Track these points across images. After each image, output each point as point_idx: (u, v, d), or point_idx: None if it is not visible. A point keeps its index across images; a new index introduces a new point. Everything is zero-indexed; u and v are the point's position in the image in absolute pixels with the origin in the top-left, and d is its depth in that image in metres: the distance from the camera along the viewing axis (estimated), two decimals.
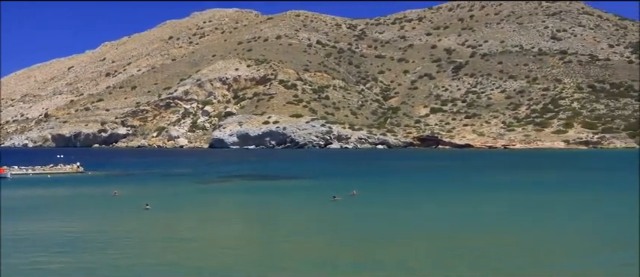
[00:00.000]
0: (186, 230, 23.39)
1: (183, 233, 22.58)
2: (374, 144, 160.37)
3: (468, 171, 63.40)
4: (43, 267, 16.91)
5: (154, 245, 20.50)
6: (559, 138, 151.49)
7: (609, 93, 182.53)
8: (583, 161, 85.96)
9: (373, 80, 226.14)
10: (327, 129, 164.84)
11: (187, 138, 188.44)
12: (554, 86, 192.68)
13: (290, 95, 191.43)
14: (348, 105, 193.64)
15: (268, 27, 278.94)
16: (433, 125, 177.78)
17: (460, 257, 18.07)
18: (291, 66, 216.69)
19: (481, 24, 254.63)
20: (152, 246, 20.19)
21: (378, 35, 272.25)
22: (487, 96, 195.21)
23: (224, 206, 33.10)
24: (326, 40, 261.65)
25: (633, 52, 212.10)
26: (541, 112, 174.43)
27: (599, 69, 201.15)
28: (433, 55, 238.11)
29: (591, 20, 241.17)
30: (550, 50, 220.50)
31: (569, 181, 48.54)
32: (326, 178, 52.35)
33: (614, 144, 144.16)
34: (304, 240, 21.28)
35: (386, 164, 78.88)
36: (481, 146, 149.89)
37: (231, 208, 32.43)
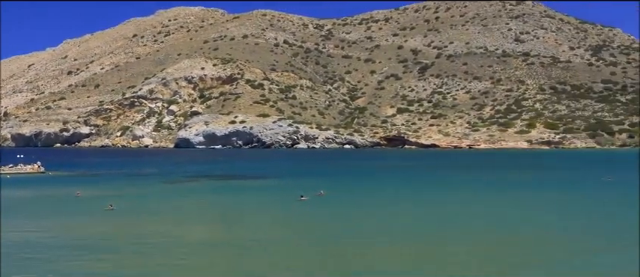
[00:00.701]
0: (152, 231, 22.86)
1: (149, 234, 22.05)
2: (341, 144, 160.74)
3: (435, 171, 63.98)
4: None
5: (116, 246, 19.93)
6: (522, 138, 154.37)
7: (570, 95, 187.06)
8: (547, 160, 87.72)
9: (340, 80, 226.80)
10: (294, 129, 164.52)
11: (152, 138, 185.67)
12: (518, 87, 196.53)
13: (257, 95, 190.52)
14: (315, 105, 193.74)
15: (235, 26, 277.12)
16: (400, 125, 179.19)
17: (427, 257, 18.08)
18: (257, 65, 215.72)
19: (446, 25, 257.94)
20: (115, 248, 19.62)
21: (345, 35, 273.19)
22: (452, 96, 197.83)
23: (190, 206, 32.56)
24: (293, 39, 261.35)
25: (593, 55, 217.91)
26: (505, 113, 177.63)
27: (560, 71, 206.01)
28: (399, 56, 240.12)
29: (553, 23, 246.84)
30: (513, 52, 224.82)
31: (535, 180, 49.37)
32: (293, 178, 52.13)
33: (575, 144, 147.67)
34: (271, 240, 21.04)
35: (353, 164, 79.06)
36: (447, 146, 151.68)
37: (197, 208, 31.92)
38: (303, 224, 24.92)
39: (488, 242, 20.34)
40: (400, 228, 23.34)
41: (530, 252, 18.91)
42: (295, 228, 23.86)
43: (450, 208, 30.35)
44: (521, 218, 26.16)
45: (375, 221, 25.48)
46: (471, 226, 23.99)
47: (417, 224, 24.27)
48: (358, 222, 25.03)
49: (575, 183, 45.96)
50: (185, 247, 19.92)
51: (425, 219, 25.90)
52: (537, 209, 29.70)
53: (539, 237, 21.46)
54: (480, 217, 26.73)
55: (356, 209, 29.43)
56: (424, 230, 22.80)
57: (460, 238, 21.21)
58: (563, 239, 21.05)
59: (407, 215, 27.29)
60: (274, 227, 24.16)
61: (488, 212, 28.65)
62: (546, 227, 23.65)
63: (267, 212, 28.73)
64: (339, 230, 22.89)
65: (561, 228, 23.49)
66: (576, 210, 29.18)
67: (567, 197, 35.68)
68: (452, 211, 29.06)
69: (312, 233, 22.47)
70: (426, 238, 21.13)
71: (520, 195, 37.17)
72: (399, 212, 28.39)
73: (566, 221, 25.52)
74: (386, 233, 22.24)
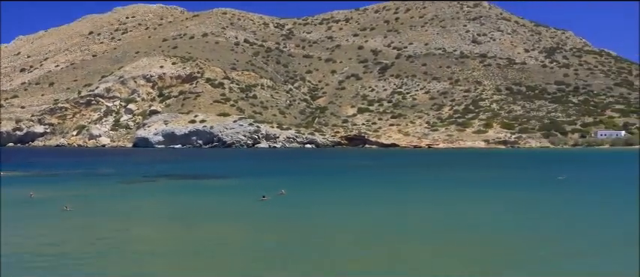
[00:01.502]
0: (109, 232, 22.52)
1: (106, 235, 21.72)
2: (302, 144, 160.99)
3: (395, 170, 64.79)
4: None
5: (72, 248, 19.58)
6: (480, 138, 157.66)
7: (525, 96, 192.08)
8: (503, 159, 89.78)
9: (301, 80, 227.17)
10: (255, 129, 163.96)
11: (110, 137, 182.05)
12: (475, 88, 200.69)
13: (217, 94, 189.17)
14: (276, 104, 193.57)
15: (194, 24, 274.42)
16: (360, 125, 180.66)
17: (387, 254, 18.36)
18: (218, 64, 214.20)
19: (406, 26, 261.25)
20: (71, 250, 19.28)
21: (306, 35, 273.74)
22: (412, 96, 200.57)
23: (149, 206, 32.17)
24: (253, 38, 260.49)
25: (547, 57, 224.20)
26: (463, 113, 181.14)
27: (516, 73, 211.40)
28: (360, 56, 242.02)
29: (509, 25, 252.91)
30: (471, 53, 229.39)
31: (492, 179, 50.51)
32: (254, 177, 52.01)
33: (530, 143, 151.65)
34: (231, 240, 21.03)
35: (314, 163, 79.34)
36: (406, 145, 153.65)
37: (156, 209, 31.58)
38: (263, 223, 24.96)
39: (448, 241, 20.78)
40: (361, 227, 23.62)
41: (489, 250, 19.43)
42: (256, 228, 23.87)
43: (409, 206, 30.87)
44: (480, 217, 26.79)
45: (336, 220, 25.71)
46: (431, 224, 24.46)
47: (378, 223, 24.58)
48: (319, 221, 25.21)
49: (531, 182, 47.25)
50: (143, 248, 19.73)
51: (386, 218, 26.24)
52: (496, 207, 30.43)
53: (497, 235, 22.04)
54: (440, 215, 27.25)
55: (317, 209, 29.63)
56: (385, 229, 23.10)
57: (420, 236, 21.60)
58: (521, 237, 21.69)
59: (368, 213, 27.60)
60: (235, 226, 24.12)
61: (448, 210, 29.23)
62: (504, 225, 24.31)
63: (228, 212, 28.63)
64: (299, 230, 23.01)
65: (519, 226, 24.18)
66: (533, 208, 30.02)
67: (525, 195, 36.66)
68: (412, 209, 29.57)
69: (272, 232, 22.51)
70: (387, 236, 21.42)
71: (478, 193, 38.02)
72: (360, 211, 28.71)
73: (523, 218, 26.27)
74: (347, 232, 22.47)
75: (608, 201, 32.78)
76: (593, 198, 34.80)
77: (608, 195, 36.08)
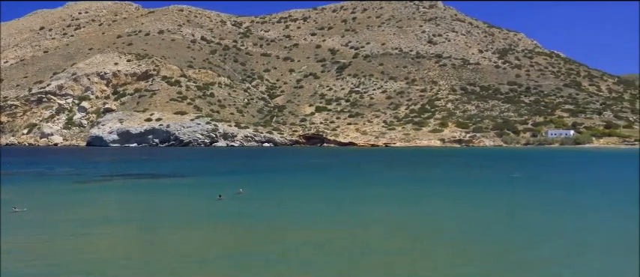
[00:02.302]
0: (63, 233, 22.14)
1: (59, 237, 21.37)
2: (260, 143, 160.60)
3: (353, 168, 65.45)
4: None
5: (25, 251, 19.24)
6: (435, 137, 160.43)
7: (479, 96, 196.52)
8: (459, 158, 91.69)
9: (259, 78, 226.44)
10: (213, 127, 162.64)
11: (62, 136, 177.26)
12: (431, 88, 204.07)
13: (174, 92, 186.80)
14: (234, 103, 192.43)
15: (150, 21, 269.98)
16: (318, 123, 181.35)
17: (347, 252, 18.66)
18: (174, 62, 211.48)
19: (363, 26, 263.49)
20: (23, 252, 18.94)
21: (264, 33, 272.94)
22: (369, 96, 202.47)
23: (105, 206, 31.68)
24: (211, 36, 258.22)
25: (500, 58, 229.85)
26: (419, 112, 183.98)
27: (470, 73, 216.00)
28: (318, 55, 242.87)
29: (463, 26, 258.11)
30: (427, 53, 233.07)
31: (450, 177, 51.68)
32: (212, 176, 51.75)
33: (484, 142, 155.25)
34: (187, 239, 20.97)
35: (272, 162, 79.38)
36: (364, 144, 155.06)
37: (112, 208, 31.13)
38: (220, 223, 24.94)
39: (405, 237, 21.31)
40: (319, 225, 23.88)
41: (441, 246, 20.00)
42: (212, 227, 23.87)
43: (367, 203, 31.33)
44: (438, 214, 27.47)
45: (295, 219, 25.92)
46: (390, 221, 24.96)
47: (337, 221, 24.87)
48: (277, 221, 25.32)
49: (488, 179, 48.55)
50: (97, 249, 19.55)
51: (345, 216, 26.55)
52: (454, 203, 31.21)
53: (453, 232, 22.70)
54: (399, 212, 27.79)
55: (275, 208, 29.72)
56: (345, 226, 23.38)
57: (378, 234, 22.04)
58: (480, 234, 22.37)
59: (326, 211, 27.92)
60: (191, 226, 24.05)
61: (407, 207, 29.83)
62: (462, 223, 25.01)
63: (184, 212, 28.48)
64: (256, 229, 23.05)
65: (478, 223, 24.90)
66: (491, 204, 30.90)
67: (482, 192, 37.67)
68: (370, 207, 30.01)
69: (229, 232, 22.56)
70: (347, 234, 21.67)
71: (436, 191, 38.85)
72: (318, 209, 29.00)
73: (482, 215, 27.05)
74: (306, 230, 22.67)
75: (563, 198, 34.09)
76: (547, 195, 36.12)
77: (562, 192, 37.55)
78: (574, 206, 30.36)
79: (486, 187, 40.92)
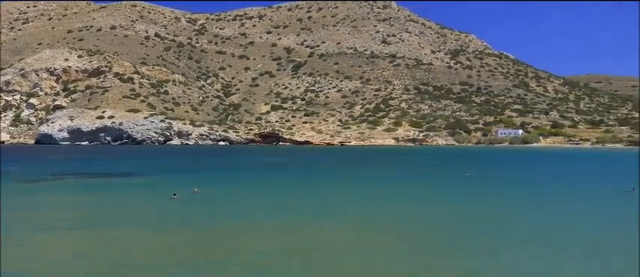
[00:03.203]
0: (10, 235, 21.69)
1: (6, 240, 20.98)
2: (216, 141, 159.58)
3: (309, 167, 65.96)
4: None
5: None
6: (390, 136, 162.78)
7: (432, 95, 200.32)
8: (414, 157, 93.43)
9: (214, 76, 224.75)
10: (167, 125, 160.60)
11: (9, 133, 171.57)
12: (385, 87, 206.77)
13: (126, 89, 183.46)
14: (188, 100, 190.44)
15: (101, 16, 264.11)
16: (274, 122, 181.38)
17: (299, 250, 19.08)
18: (127, 58, 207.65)
19: (318, 25, 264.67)
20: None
21: (219, 31, 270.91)
22: (325, 95, 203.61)
23: (55, 207, 31.11)
24: (165, 33, 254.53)
25: (452, 58, 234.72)
26: (374, 111, 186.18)
27: (423, 73, 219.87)
28: (273, 53, 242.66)
29: (416, 27, 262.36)
30: (381, 53, 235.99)
31: (406, 175, 52.79)
32: (166, 175, 51.26)
33: (437, 141, 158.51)
34: (136, 242, 20.78)
35: (228, 160, 79.12)
36: (320, 143, 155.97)
37: (63, 209, 30.59)
38: (173, 222, 24.90)
39: (363, 233, 21.86)
40: (275, 223, 24.15)
41: (398, 243, 20.67)
42: (166, 227, 23.79)
43: (324, 201, 31.79)
44: (394, 211, 28.20)
45: (250, 218, 26.08)
46: (348, 219, 25.38)
47: (293, 219, 25.14)
48: (233, 221, 25.32)
49: (443, 177, 49.86)
50: (46, 251, 19.34)
51: (301, 213, 26.87)
52: (411, 202, 32.03)
53: (408, 229, 23.43)
54: (356, 209, 28.34)
55: (230, 207, 29.67)
56: (299, 224, 23.71)
57: (337, 232, 22.48)
58: (438, 231, 23.19)
59: (281, 210, 28.21)
60: (144, 227, 23.95)
61: (364, 204, 30.45)
62: (418, 221, 25.83)
63: (138, 212, 28.28)
64: (210, 228, 22.98)
65: (435, 220, 25.75)
66: (446, 203, 31.87)
67: (437, 190, 38.78)
68: (329, 204, 30.41)
69: (182, 231, 22.46)
70: (302, 232, 22.01)
71: (392, 188, 39.69)
72: (274, 208, 29.27)
73: (438, 213, 27.94)
74: (261, 230, 22.88)
75: (513, 194, 35.49)
76: (499, 192, 37.51)
77: (512, 189, 39.11)
78: (523, 202, 31.74)
79: (441, 186, 41.99)
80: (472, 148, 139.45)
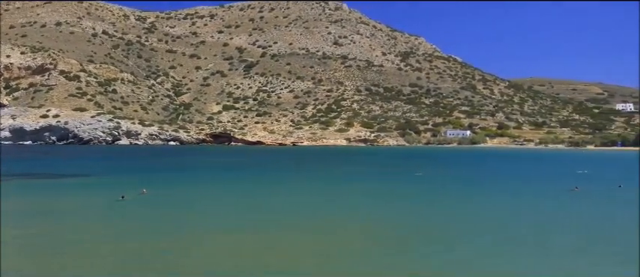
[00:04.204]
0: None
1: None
2: (166, 141, 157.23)
3: (261, 167, 65.91)
4: None
5: None
6: (342, 136, 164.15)
7: (383, 97, 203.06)
8: (365, 157, 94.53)
9: (164, 75, 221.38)
10: (115, 125, 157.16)
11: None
12: (337, 88, 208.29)
13: (72, 87, 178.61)
14: (137, 100, 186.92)
15: (46, 12, 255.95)
16: (226, 122, 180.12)
17: (250, 251, 19.20)
18: (73, 56, 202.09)
19: (271, 26, 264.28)
20: None
21: (169, 29, 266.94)
22: (277, 95, 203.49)
23: None
24: (113, 30, 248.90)
25: (402, 60, 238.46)
26: (326, 112, 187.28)
27: (374, 74, 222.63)
28: (225, 53, 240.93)
29: (367, 29, 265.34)
30: (333, 54, 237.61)
31: (359, 175, 53.42)
32: (114, 176, 50.30)
33: (388, 142, 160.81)
34: (88, 241, 20.53)
35: (178, 161, 78.19)
36: (272, 143, 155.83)
37: (6, 212, 29.73)
38: (121, 224, 24.59)
39: (317, 232, 22.15)
40: (224, 225, 24.19)
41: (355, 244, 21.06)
42: (114, 228, 23.49)
43: (274, 201, 31.96)
44: (347, 210, 28.62)
45: (200, 219, 26.01)
46: (296, 218, 25.68)
47: (242, 220, 25.16)
48: (183, 222, 25.03)
49: (393, 177, 50.72)
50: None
51: (249, 214, 26.91)
52: (363, 200, 32.55)
53: (360, 228, 23.88)
54: (310, 208, 28.63)
55: (179, 208, 29.31)
56: (248, 225, 23.74)
57: (287, 232, 22.68)
58: (387, 230, 23.69)
59: (231, 211, 28.23)
60: (92, 227, 23.60)
61: (318, 202, 30.78)
62: (372, 220, 26.31)
63: (85, 213, 27.76)
64: (159, 230, 22.72)
65: (385, 220, 26.27)
66: (396, 202, 32.52)
67: (388, 189, 39.45)
68: (277, 205, 30.62)
69: (130, 233, 22.19)
70: (250, 233, 22.02)
71: (345, 188, 40.19)
72: (224, 208, 29.25)
73: (391, 212, 28.52)
74: (210, 230, 22.79)
75: (463, 195, 36.58)
76: (448, 191, 38.55)
77: (461, 189, 40.31)
78: (472, 200, 32.79)
79: (393, 186, 42.72)
80: (422, 148, 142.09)
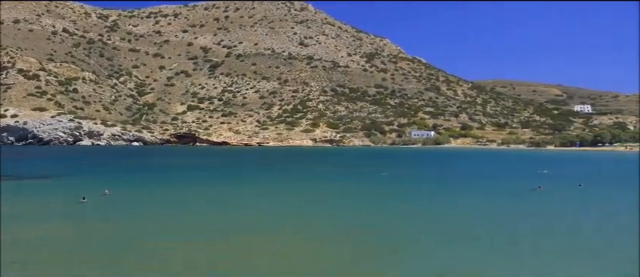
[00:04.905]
0: None
1: None
2: (129, 141, 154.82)
3: (227, 168, 65.57)
4: None
5: None
6: (307, 137, 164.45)
7: (348, 97, 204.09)
8: (332, 157, 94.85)
9: (127, 74, 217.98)
10: (77, 125, 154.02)
11: None
12: (303, 88, 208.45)
13: (31, 86, 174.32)
14: (99, 99, 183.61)
15: (4, 9, 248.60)
16: (190, 122, 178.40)
17: (214, 253, 19.09)
18: (32, 54, 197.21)
19: (236, 25, 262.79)
20: None
21: (132, 28, 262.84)
22: (242, 95, 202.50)
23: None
24: (74, 28, 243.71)
25: (367, 61, 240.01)
26: (291, 112, 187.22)
27: (340, 75, 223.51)
28: (189, 53, 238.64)
29: (333, 30, 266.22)
30: (299, 55, 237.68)
31: (324, 175, 53.61)
32: (75, 177, 49.29)
33: (354, 142, 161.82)
34: (48, 244, 20.04)
35: (142, 161, 77.15)
36: (237, 144, 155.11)
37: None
38: (82, 226, 24.16)
39: (283, 232, 22.22)
40: (187, 227, 24.00)
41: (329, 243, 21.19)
42: (75, 231, 23.06)
43: (241, 202, 31.90)
44: (318, 212, 28.75)
45: (163, 221, 25.73)
46: (264, 221, 25.60)
47: (206, 223, 25.02)
48: (145, 223, 24.78)
49: (360, 177, 51.07)
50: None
51: (214, 217, 26.79)
52: (331, 202, 32.71)
53: (329, 228, 24.01)
54: (273, 211, 28.66)
55: (142, 209, 28.92)
56: (212, 228, 23.63)
57: (251, 232, 22.65)
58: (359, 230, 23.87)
59: (195, 214, 28.02)
60: (52, 230, 23.11)
61: (284, 202, 30.85)
62: (339, 220, 26.46)
63: (45, 215, 27.16)
64: (121, 232, 22.39)
65: (351, 220, 26.46)
66: (365, 201, 32.79)
67: (356, 189, 39.77)
68: (242, 206, 30.57)
69: (92, 235, 21.85)
70: (214, 235, 21.93)
71: (313, 187, 40.34)
72: (187, 210, 29.06)
73: (359, 211, 28.73)
74: (175, 233, 22.51)
75: (429, 194, 37.15)
76: (413, 191, 39.09)
77: (427, 189, 40.97)
78: (437, 199, 33.39)
79: (359, 186, 42.95)
80: (387, 149, 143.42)
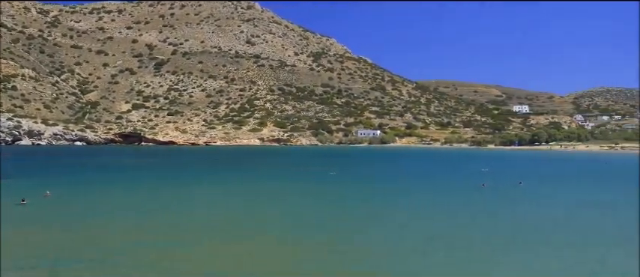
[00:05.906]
0: None
1: None
2: (71, 141, 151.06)
3: (172, 168, 65.44)
4: None
5: None
6: (255, 136, 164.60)
7: (296, 96, 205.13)
8: (279, 157, 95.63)
9: (69, 72, 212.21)
10: (16, 124, 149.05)
11: None
12: (250, 87, 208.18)
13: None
14: (40, 97, 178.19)
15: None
16: (136, 121, 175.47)
17: (157, 257, 19.20)
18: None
19: (182, 23, 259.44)
20: None
21: (74, 24, 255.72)
22: (189, 94, 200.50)
23: None
24: (12, 23, 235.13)
25: (314, 61, 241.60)
26: (239, 111, 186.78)
27: (287, 74, 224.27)
28: (134, 50, 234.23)
29: (280, 29, 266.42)
30: (245, 53, 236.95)
31: (272, 176, 54.47)
32: (15, 178, 48.24)
33: (301, 141, 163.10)
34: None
35: (84, 162, 75.85)
36: (184, 143, 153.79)
37: None
38: (19, 231, 23.95)
39: (233, 233, 22.94)
40: (131, 227, 24.27)
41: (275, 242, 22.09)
42: (12, 233, 22.89)
43: (192, 203, 32.33)
44: (267, 211, 29.60)
45: (105, 222, 25.77)
46: (211, 223, 26.06)
47: (152, 224, 25.40)
48: (87, 224, 24.71)
49: (308, 177, 52.14)
50: None
51: (159, 218, 27.14)
52: (281, 202, 33.65)
53: (279, 228, 24.94)
54: (217, 213, 29.33)
55: (85, 211, 28.74)
56: (156, 229, 24.03)
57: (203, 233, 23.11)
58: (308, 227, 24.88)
59: (141, 215, 28.00)
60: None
61: (227, 207, 31.50)
62: (288, 219, 27.45)
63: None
64: (61, 235, 22.27)
65: (302, 219, 27.50)
66: (310, 201, 33.89)
67: (305, 189, 40.86)
68: (190, 208, 31.01)
69: (31, 238, 21.59)
70: (157, 236, 22.33)
71: (266, 186, 41.27)
72: (135, 213, 28.79)
73: (307, 210, 29.78)
74: (119, 235, 22.65)
75: (380, 193, 38.55)
76: (362, 189, 40.47)
77: (378, 188, 42.54)
78: (387, 198, 34.88)
79: (308, 187, 43.89)
80: (335, 148, 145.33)
